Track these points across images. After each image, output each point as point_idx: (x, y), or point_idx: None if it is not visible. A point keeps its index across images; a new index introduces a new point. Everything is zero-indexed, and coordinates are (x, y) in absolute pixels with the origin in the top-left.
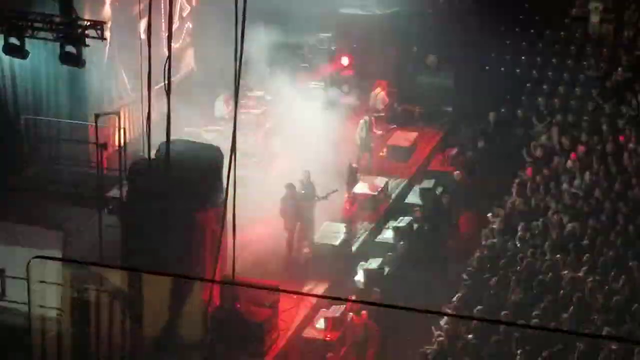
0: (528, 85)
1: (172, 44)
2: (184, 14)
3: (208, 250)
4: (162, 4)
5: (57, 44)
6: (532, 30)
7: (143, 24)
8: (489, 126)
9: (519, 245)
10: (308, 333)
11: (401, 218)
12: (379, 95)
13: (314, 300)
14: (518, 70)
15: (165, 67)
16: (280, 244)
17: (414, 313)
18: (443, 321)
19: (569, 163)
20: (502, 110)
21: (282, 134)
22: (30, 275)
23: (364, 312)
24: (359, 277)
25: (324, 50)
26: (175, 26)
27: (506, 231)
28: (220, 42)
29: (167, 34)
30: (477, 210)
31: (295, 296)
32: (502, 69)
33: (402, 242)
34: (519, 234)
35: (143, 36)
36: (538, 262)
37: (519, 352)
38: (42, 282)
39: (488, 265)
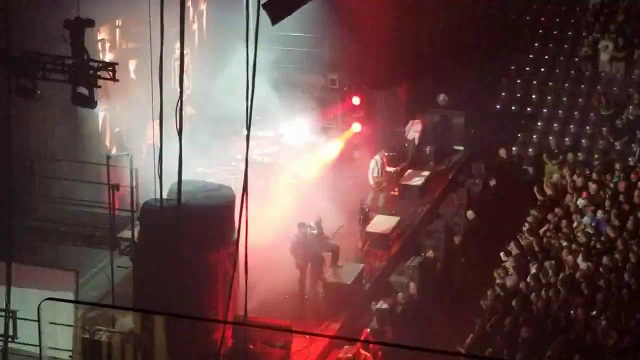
0: (539, 123)
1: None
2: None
3: (220, 291)
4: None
5: (69, 85)
6: (542, 69)
7: (132, 64)
8: (501, 164)
9: (531, 284)
10: None
11: (413, 257)
12: (415, 127)
13: (326, 340)
14: (529, 109)
15: (177, 106)
16: (293, 284)
17: (428, 353)
18: None
19: (581, 201)
20: (514, 148)
21: (294, 174)
22: (41, 317)
23: (379, 352)
24: (372, 316)
25: (335, 89)
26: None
27: (519, 270)
28: (229, 81)
29: (179, 72)
30: (490, 249)
31: (308, 336)
32: (513, 107)
33: (414, 282)
34: (532, 273)
35: (133, 76)
36: (551, 301)
37: None
38: (53, 323)
39: (501, 305)
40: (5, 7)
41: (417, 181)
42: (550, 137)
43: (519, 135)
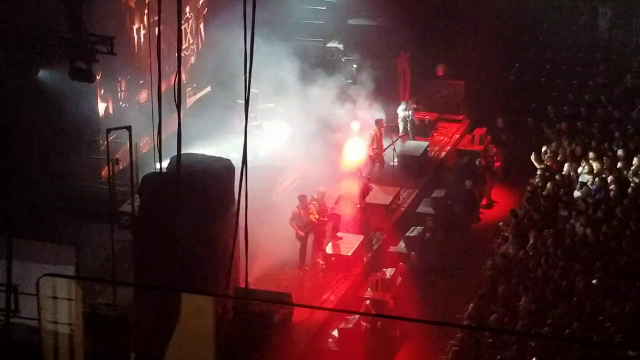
0: (537, 92)
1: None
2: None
3: (220, 262)
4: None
5: (67, 60)
6: (540, 38)
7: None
8: (500, 134)
9: (531, 253)
10: (322, 344)
11: (413, 228)
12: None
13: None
14: (527, 78)
15: (175, 80)
16: (293, 255)
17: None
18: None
19: (580, 170)
20: (512, 118)
21: (293, 145)
22: (41, 291)
23: (379, 322)
24: (372, 286)
25: (333, 60)
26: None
27: (518, 239)
28: (229, 54)
29: (176, 46)
30: (489, 218)
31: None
32: (512, 77)
33: (414, 252)
34: (531, 241)
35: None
36: (551, 270)
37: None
38: (54, 297)
39: (501, 274)
40: None
41: (416, 151)
42: (549, 106)
43: (517, 104)
